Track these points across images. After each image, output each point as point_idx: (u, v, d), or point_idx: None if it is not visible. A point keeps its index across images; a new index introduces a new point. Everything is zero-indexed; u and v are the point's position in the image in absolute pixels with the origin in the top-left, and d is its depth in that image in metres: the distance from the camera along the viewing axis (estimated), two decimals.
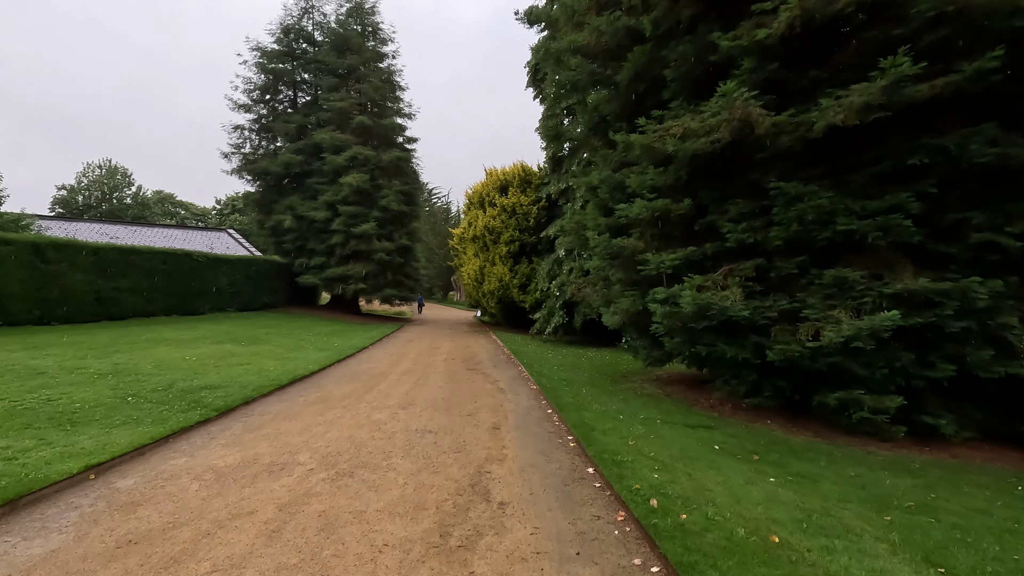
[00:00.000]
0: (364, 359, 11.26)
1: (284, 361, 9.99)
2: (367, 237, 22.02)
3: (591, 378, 9.94)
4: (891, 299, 5.87)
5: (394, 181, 23.14)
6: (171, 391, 6.74)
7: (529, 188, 20.46)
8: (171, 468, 4.10)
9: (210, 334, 13.15)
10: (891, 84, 4.94)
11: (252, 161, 23.02)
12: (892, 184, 5.84)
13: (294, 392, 7.41)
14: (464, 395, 7.39)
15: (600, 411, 6.56)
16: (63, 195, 39.56)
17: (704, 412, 7.58)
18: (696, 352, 7.15)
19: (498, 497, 3.62)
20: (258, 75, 23.46)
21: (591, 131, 9.56)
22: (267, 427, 5.42)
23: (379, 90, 23.47)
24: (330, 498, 3.53)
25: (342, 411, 6.21)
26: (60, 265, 12.56)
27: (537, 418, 6.16)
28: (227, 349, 11.08)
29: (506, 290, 19.79)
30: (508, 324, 23.38)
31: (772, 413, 7.42)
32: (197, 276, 17.35)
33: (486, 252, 20.70)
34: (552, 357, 13.04)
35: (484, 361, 11.49)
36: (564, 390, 7.94)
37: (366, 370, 9.64)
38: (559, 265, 17.58)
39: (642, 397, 8.36)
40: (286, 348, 11.96)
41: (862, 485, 4.67)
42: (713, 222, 6.99)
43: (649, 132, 6.93)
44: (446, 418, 5.93)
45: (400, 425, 5.52)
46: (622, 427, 5.76)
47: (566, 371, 10.57)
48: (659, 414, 6.91)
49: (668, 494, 3.58)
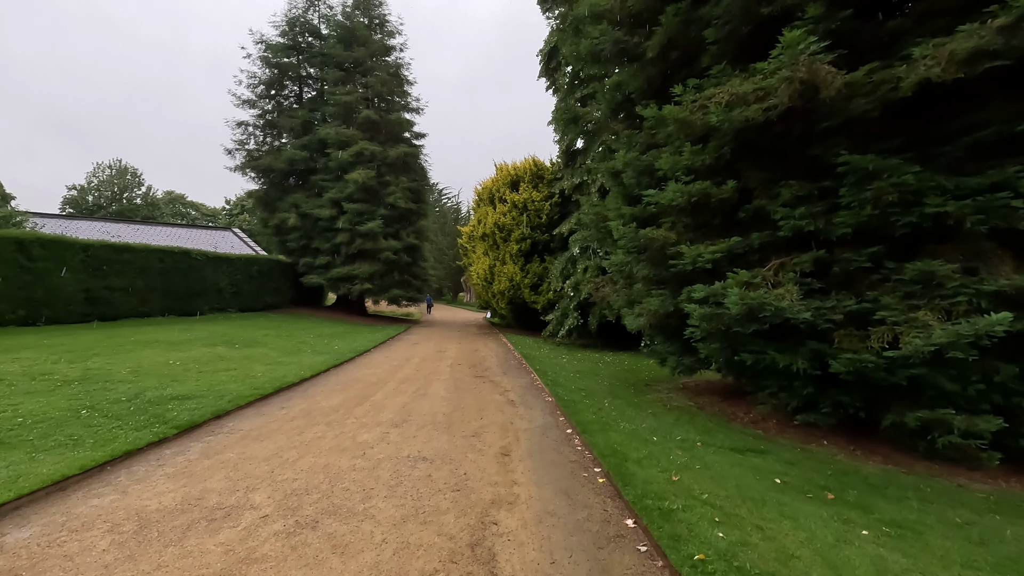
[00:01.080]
0: (363, 364, 10.37)
1: (276, 366, 9.14)
2: (373, 236, 21.24)
3: (612, 387, 8.91)
4: (991, 298, 4.76)
5: (401, 178, 22.33)
6: (136, 402, 5.90)
7: (541, 183, 19.46)
8: (89, 511, 3.19)
9: (205, 336, 12.41)
10: (1015, 22, 3.85)
11: (256, 158, 22.41)
12: (996, 156, 4.72)
13: (276, 403, 6.52)
14: (469, 409, 6.42)
15: (629, 431, 5.53)
16: (73, 195, 39.71)
17: (747, 430, 6.50)
18: (740, 360, 6.08)
19: (507, 568, 2.64)
20: (263, 69, 22.87)
21: (613, 113, 8.54)
22: (230, 450, 4.51)
23: (386, 84, 22.70)
24: (277, 567, 2.59)
25: (324, 429, 5.28)
26: (47, 263, 11.92)
27: (555, 440, 5.16)
28: (218, 352, 10.29)
29: (517, 290, 18.80)
30: (519, 326, 22.39)
31: (828, 432, 6.31)
32: (196, 275, 16.69)
33: (496, 250, 19.74)
34: (567, 362, 12.02)
35: (493, 367, 10.52)
36: (584, 403, 6.92)
37: (363, 377, 8.73)
38: (573, 264, 16.55)
39: (672, 411, 7.30)
40: (282, 351, 11.14)
41: (980, 539, 3.58)
42: (761, 208, 5.92)
43: (686, 103, 5.90)
44: (446, 440, 4.96)
45: (389, 450, 4.57)
46: (659, 453, 4.74)
47: (583, 379, 9.55)
48: (697, 433, 5.86)
49: (746, 569, 2.56)
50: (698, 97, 5.74)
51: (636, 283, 8.29)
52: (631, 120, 8.35)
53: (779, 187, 5.81)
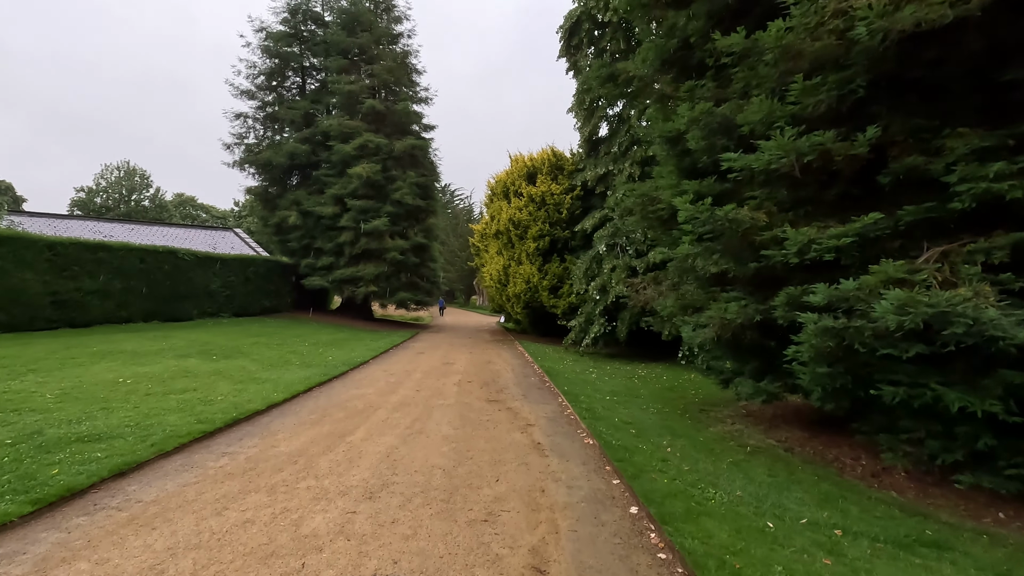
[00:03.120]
0: (354, 381, 8.63)
1: (246, 385, 7.48)
2: (379, 234, 19.65)
3: (663, 417, 6.99)
4: None
5: (409, 172, 20.72)
6: (20, 447, 4.24)
7: (561, 175, 17.60)
8: None
9: (181, 345, 10.85)
10: None
11: (256, 152, 21.03)
12: None
13: (220, 445, 4.78)
14: (480, 460, 4.58)
15: (726, 507, 3.62)
16: (81, 198, 39.20)
17: (878, 493, 4.52)
18: (880, 395, 4.12)
19: None
20: (263, 59, 21.53)
21: (664, 66, 6.66)
22: (89, 554, 2.76)
23: (392, 72, 21.15)
24: None
25: (263, 500, 3.51)
26: (4, 262, 10.50)
27: (615, 534, 3.24)
28: (187, 366, 8.69)
29: (534, 293, 16.94)
30: (535, 332, 20.50)
31: (1005, 501, 4.31)
32: (183, 277, 15.24)
33: (511, 249, 17.90)
34: (596, 379, 10.12)
35: (510, 386, 8.68)
36: (639, 448, 5.02)
37: (348, 401, 6.98)
38: (599, 263, 14.64)
39: (755, 456, 5.35)
40: (265, 364, 9.50)
41: None
42: (913, 169, 3.97)
43: (796, 16, 4.00)
44: (441, 531, 3.12)
45: (345, 559, 2.75)
46: (793, 562, 2.83)
47: (623, 403, 7.64)
48: (817, 505, 3.92)
49: None
50: (820, 4, 3.83)
51: (697, 283, 6.38)
52: (687, 73, 6.47)
53: (942, 138, 3.87)
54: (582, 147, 17.45)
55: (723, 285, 6.16)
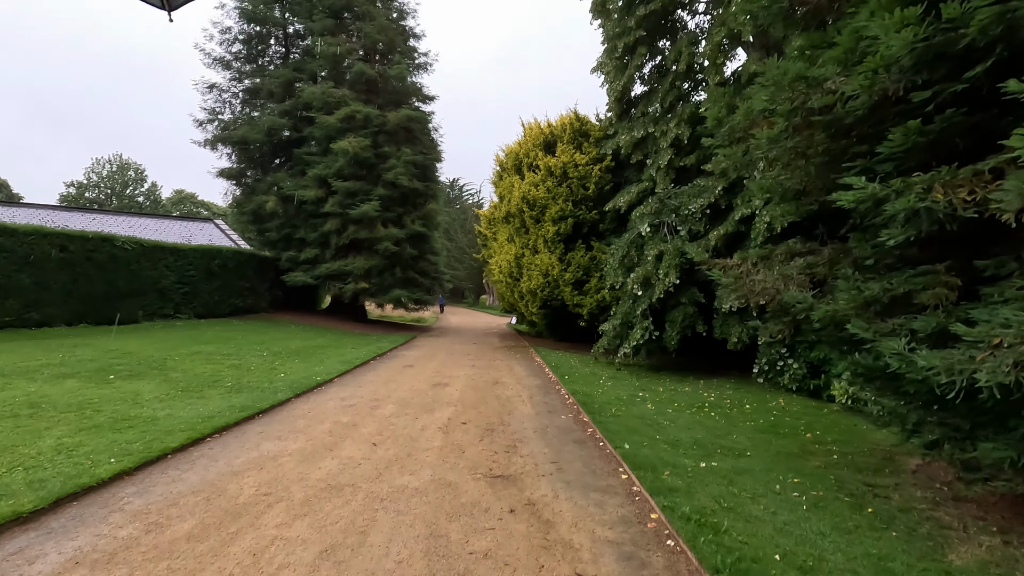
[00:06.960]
0: (282, 422, 5.52)
1: (88, 438, 4.46)
2: (369, 221, 16.64)
3: (815, 504, 3.70)
4: None
5: (404, 149, 17.65)
6: None
7: (586, 143, 14.31)
8: None
9: (82, 357, 7.94)
10: None
11: (232, 130, 18.18)
12: None
13: None
14: None
15: None
16: (71, 193, 37.16)
17: None
18: None
19: None
20: (239, 23, 18.67)
21: None
22: None
23: (385, 31, 18.09)
24: None
25: None
26: None
27: None
28: (46, 394, 5.77)
29: (554, 288, 13.66)
30: (555, 336, 17.24)
31: None
32: (123, 271, 12.38)
33: (525, 235, 14.65)
34: (657, 412, 6.86)
35: (528, 436, 5.45)
36: None
37: (242, 471, 3.84)
38: (639, 248, 11.33)
39: None
40: (177, 389, 6.52)
41: None
42: None
43: None
44: None
45: None
46: None
47: (726, 463, 4.36)
48: None
49: None
50: None
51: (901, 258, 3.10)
52: None
53: None
54: (611, 109, 14.15)
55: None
